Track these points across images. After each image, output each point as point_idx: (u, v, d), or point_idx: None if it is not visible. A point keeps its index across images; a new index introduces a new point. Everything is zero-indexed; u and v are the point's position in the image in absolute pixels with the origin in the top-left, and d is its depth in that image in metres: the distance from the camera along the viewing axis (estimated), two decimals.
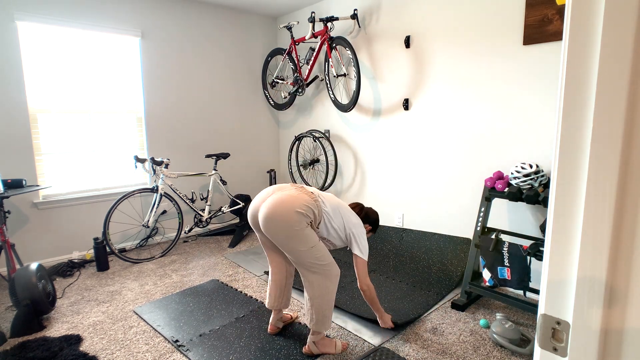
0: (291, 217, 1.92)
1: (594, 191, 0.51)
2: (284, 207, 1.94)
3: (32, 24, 3.18)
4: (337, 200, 2.19)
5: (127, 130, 3.81)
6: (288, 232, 1.93)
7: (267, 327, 2.39)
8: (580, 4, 0.51)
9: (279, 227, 1.93)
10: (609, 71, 0.49)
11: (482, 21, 2.84)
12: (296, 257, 1.98)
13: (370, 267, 3.28)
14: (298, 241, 1.95)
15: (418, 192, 3.47)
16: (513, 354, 2.12)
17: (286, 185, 2.14)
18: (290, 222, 1.92)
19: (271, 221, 1.94)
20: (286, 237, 1.94)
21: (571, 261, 0.55)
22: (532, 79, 2.63)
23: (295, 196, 1.99)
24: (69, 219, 3.52)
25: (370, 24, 3.67)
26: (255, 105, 4.74)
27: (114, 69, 3.67)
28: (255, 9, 4.42)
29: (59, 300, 2.79)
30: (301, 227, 1.94)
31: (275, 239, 1.98)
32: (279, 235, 1.95)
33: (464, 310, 2.59)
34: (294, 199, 1.97)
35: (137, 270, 3.33)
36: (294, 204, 1.95)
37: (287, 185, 2.14)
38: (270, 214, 1.94)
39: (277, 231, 1.95)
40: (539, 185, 2.45)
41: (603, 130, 0.50)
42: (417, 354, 2.14)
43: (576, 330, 0.55)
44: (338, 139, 4.19)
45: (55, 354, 2.12)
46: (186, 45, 4.06)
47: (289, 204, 1.95)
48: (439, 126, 3.22)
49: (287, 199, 1.97)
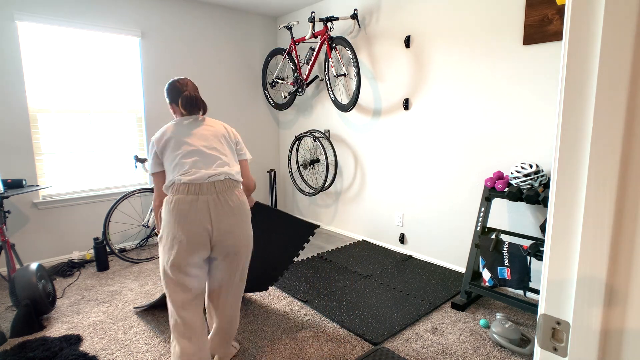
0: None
1: (594, 191, 0.51)
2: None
3: (32, 24, 3.18)
4: (212, 132, 1.81)
5: (127, 130, 3.81)
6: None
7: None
8: (580, 4, 0.51)
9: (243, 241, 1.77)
10: (609, 71, 0.49)
11: (482, 21, 2.84)
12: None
13: (366, 272, 3.28)
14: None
15: (418, 192, 3.47)
16: (513, 354, 2.12)
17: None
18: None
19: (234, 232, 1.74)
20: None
21: (571, 261, 0.55)
22: (532, 78, 2.63)
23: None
24: (69, 219, 3.52)
25: (370, 24, 3.67)
26: (255, 105, 4.74)
27: (114, 69, 3.67)
28: (255, 9, 4.42)
29: (59, 300, 2.79)
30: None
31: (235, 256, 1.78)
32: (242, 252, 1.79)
33: (464, 310, 2.59)
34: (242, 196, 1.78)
35: (137, 270, 3.33)
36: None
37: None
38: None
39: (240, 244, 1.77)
40: (539, 185, 2.45)
41: (603, 130, 0.50)
42: (417, 354, 2.14)
43: (576, 330, 0.55)
44: (338, 139, 4.19)
45: (55, 354, 2.12)
46: (186, 45, 4.06)
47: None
48: (439, 126, 3.22)
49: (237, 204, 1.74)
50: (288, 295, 2.82)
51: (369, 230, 4.01)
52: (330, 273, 3.19)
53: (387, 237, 3.82)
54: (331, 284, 2.99)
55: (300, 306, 2.67)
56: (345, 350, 2.18)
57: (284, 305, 2.68)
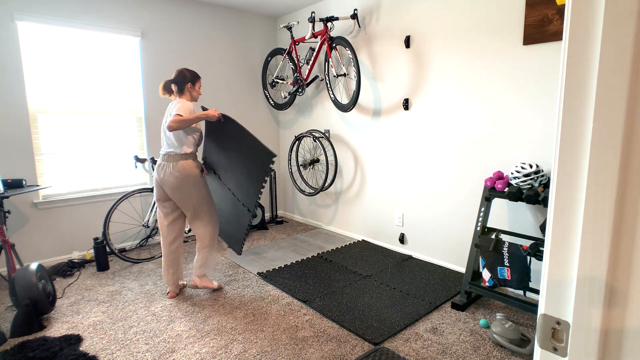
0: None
1: (594, 191, 0.51)
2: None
3: (32, 24, 3.18)
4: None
5: (127, 130, 3.81)
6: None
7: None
8: (580, 4, 0.51)
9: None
10: (609, 71, 0.49)
11: (482, 21, 2.84)
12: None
13: (366, 272, 3.28)
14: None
15: (418, 192, 3.47)
16: (513, 354, 2.12)
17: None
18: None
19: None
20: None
21: (571, 261, 0.55)
22: (532, 78, 2.63)
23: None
24: (69, 219, 3.52)
25: (370, 24, 3.67)
26: (255, 105, 4.74)
27: (114, 69, 3.67)
28: (255, 9, 4.42)
29: (59, 300, 2.79)
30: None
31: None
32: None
33: (464, 310, 2.59)
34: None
35: (137, 270, 3.33)
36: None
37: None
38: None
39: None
40: (539, 185, 2.45)
41: (603, 130, 0.50)
42: (417, 354, 2.14)
43: (576, 330, 0.55)
44: (338, 139, 4.19)
45: (55, 354, 2.12)
46: (186, 45, 4.06)
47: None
48: (439, 126, 3.22)
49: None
50: (288, 295, 2.82)
51: (369, 230, 4.01)
52: (330, 273, 3.19)
53: (387, 237, 3.82)
54: (331, 284, 2.99)
55: (300, 306, 2.67)
56: (345, 350, 2.18)
57: (284, 305, 2.69)
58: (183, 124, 2.46)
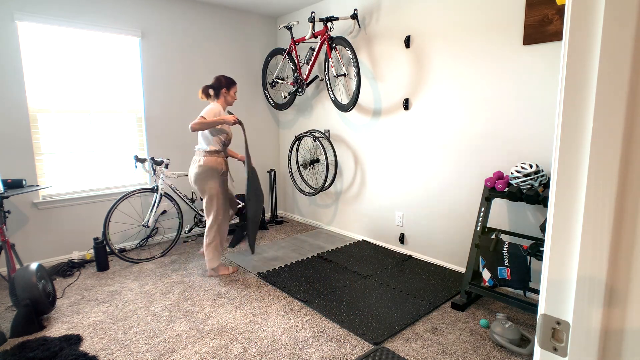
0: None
1: (594, 191, 0.51)
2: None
3: (32, 24, 3.18)
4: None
5: (127, 130, 3.81)
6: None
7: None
8: (580, 4, 0.51)
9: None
10: (609, 71, 0.49)
11: (482, 21, 2.84)
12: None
13: (366, 272, 3.28)
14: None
15: (418, 192, 3.47)
16: (513, 354, 2.12)
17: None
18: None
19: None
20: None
21: (571, 261, 0.55)
22: (532, 78, 2.63)
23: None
24: (69, 219, 3.52)
25: (370, 24, 3.67)
26: (255, 105, 4.74)
27: (114, 69, 3.67)
28: (255, 9, 4.42)
29: (59, 300, 2.79)
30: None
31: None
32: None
33: (464, 311, 2.59)
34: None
35: (137, 270, 3.33)
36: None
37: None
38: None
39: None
40: (539, 185, 2.45)
41: (603, 130, 0.50)
42: (417, 354, 2.14)
43: (576, 330, 0.55)
44: (338, 139, 4.19)
45: (55, 354, 2.12)
46: (186, 45, 4.06)
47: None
48: (439, 126, 3.22)
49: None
50: (288, 295, 2.82)
51: (369, 230, 4.01)
52: (330, 273, 3.19)
53: (387, 237, 3.82)
54: (331, 284, 2.99)
55: (300, 306, 2.67)
56: (345, 350, 2.18)
57: (284, 305, 2.69)
58: (203, 126, 2.82)
